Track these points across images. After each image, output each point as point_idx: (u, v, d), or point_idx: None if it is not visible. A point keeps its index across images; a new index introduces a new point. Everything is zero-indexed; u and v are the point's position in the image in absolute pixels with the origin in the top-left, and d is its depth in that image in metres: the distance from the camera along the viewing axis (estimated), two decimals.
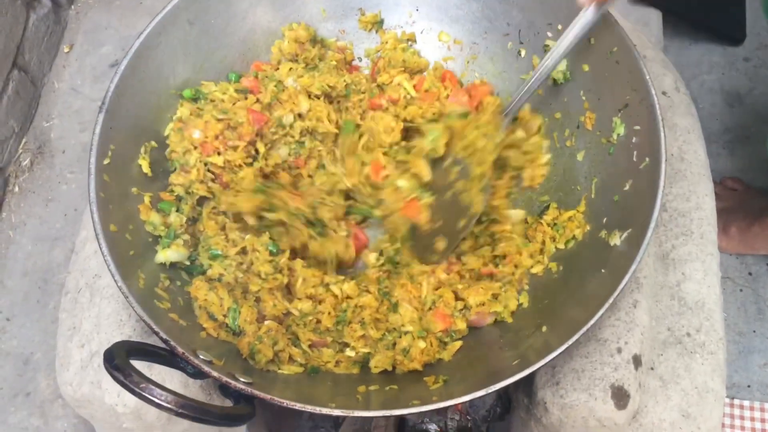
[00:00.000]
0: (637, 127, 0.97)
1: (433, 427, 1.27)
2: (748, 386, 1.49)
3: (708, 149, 1.70)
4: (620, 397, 0.96)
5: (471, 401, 1.26)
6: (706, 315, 1.12)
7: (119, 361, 0.72)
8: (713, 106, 1.78)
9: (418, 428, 1.27)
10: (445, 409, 1.27)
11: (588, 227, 1.02)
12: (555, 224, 1.05)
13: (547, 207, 1.07)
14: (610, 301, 0.84)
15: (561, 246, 1.03)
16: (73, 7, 1.84)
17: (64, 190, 1.64)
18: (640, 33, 1.38)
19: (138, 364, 0.96)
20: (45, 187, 1.65)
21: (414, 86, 1.15)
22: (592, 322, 0.83)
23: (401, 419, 1.26)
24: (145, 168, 1.01)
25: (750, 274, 1.60)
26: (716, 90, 1.80)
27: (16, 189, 1.64)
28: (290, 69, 1.09)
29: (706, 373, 1.07)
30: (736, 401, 1.49)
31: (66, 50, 1.79)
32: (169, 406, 0.70)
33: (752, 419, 1.48)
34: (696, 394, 1.05)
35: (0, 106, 1.57)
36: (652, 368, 1.07)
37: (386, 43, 1.19)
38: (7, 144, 1.62)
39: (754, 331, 1.54)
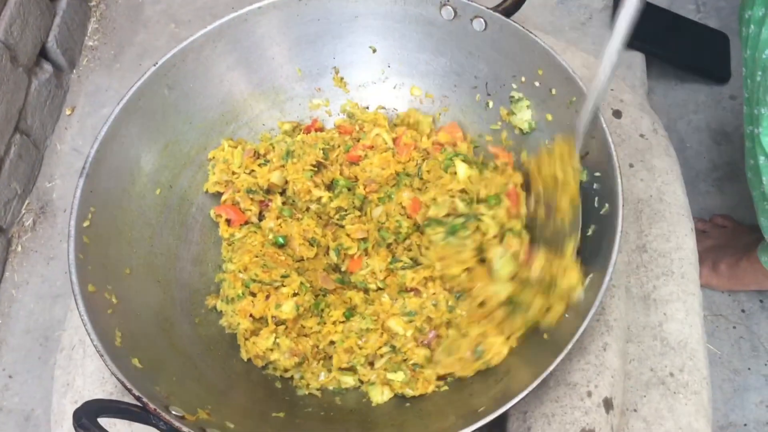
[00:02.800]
0: (598, 174, 0.99)
1: None
2: (745, 425, 1.48)
3: (697, 187, 1.73)
4: None
5: None
6: (689, 354, 1.12)
7: (86, 419, 0.75)
8: (701, 145, 1.80)
9: None
10: None
11: None
12: None
13: None
14: (571, 343, 0.86)
15: None
16: (74, 70, 1.92)
17: (64, 248, 1.66)
18: (619, 78, 1.41)
19: (121, 421, 1.00)
20: (47, 245, 1.70)
21: (393, 139, 1.19)
22: (551, 368, 0.84)
23: None
24: None
25: (743, 311, 1.59)
26: (703, 128, 1.81)
27: (19, 248, 1.69)
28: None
29: (690, 414, 1.07)
30: None
31: (68, 113, 1.86)
32: None
33: None
34: None
35: (2, 169, 1.62)
36: (635, 410, 1.08)
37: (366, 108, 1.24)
38: (11, 205, 1.68)
39: (749, 369, 1.53)
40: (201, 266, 1.13)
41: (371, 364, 1.03)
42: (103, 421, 0.79)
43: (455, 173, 1.09)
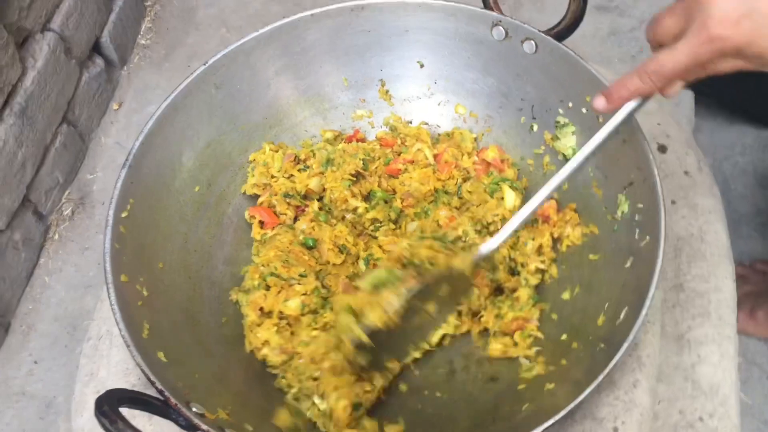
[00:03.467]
0: (640, 205, 0.97)
1: None
2: None
3: (739, 231, 1.69)
4: None
5: None
6: (721, 400, 1.09)
7: (108, 407, 0.75)
8: (746, 188, 1.76)
9: None
10: None
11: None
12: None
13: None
14: (602, 375, 0.83)
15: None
16: (125, 67, 1.95)
17: (100, 239, 1.70)
18: (666, 113, 1.39)
19: (141, 414, 1.00)
20: (83, 236, 1.72)
21: (435, 156, 1.18)
22: (580, 398, 0.82)
23: None
24: None
25: None
26: (749, 172, 1.78)
27: (56, 236, 1.71)
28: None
29: None
30: None
31: (115, 108, 1.89)
32: None
33: None
34: None
35: (47, 157, 1.66)
36: None
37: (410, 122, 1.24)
38: (52, 193, 1.70)
39: None
40: (232, 267, 1.13)
41: None
42: (124, 411, 0.79)
43: (502, 198, 1.08)
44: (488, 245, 0.98)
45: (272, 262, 1.07)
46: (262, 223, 1.15)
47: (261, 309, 1.04)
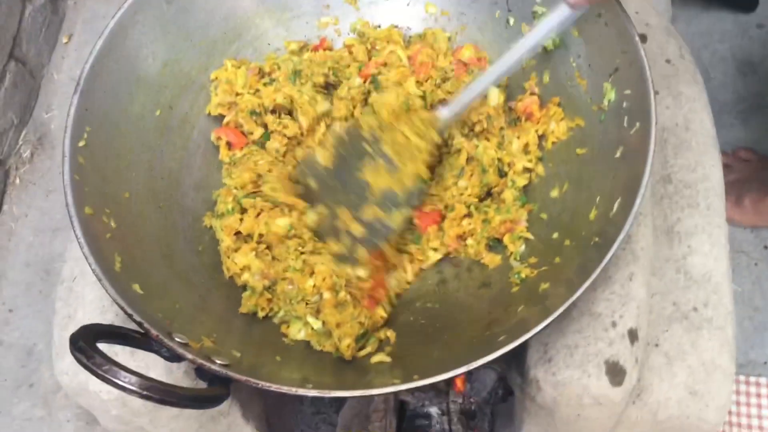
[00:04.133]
0: (628, 92, 0.92)
1: (434, 410, 1.24)
2: (765, 363, 1.44)
3: (721, 120, 1.66)
4: (615, 373, 0.92)
5: (472, 384, 1.24)
6: (713, 289, 1.07)
7: (84, 342, 0.71)
8: (725, 76, 1.72)
9: (419, 411, 1.24)
10: (447, 391, 1.24)
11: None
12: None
13: None
14: (598, 269, 0.80)
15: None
16: None
17: None
18: (645, 1, 1.33)
19: (122, 351, 0.97)
20: (45, 178, 1.65)
21: (408, 58, 1.12)
22: (576, 295, 0.79)
23: (401, 402, 1.23)
24: None
25: (765, 247, 1.55)
26: (728, 59, 1.74)
27: (17, 181, 1.64)
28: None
29: (714, 349, 1.03)
30: (752, 378, 1.44)
31: (65, 41, 1.79)
32: (132, 388, 0.68)
33: None
34: (703, 371, 1.01)
35: None
36: (656, 345, 1.03)
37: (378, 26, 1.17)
38: (7, 136, 1.62)
39: None
40: (203, 192, 1.08)
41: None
42: (103, 348, 0.75)
43: (485, 97, 1.02)
44: (449, 108, 0.99)
45: (247, 184, 1.02)
46: (229, 145, 1.09)
47: (237, 233, 1.00)
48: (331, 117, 1.09)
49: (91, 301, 1.03)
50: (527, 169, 1.03)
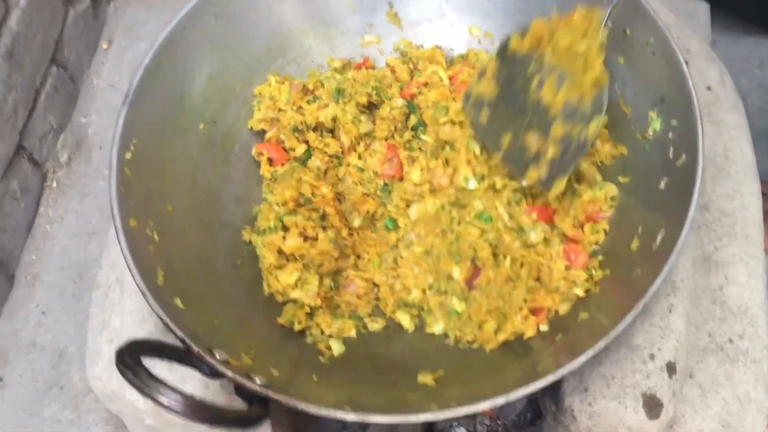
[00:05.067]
0: (674, 122, 0.92)
1: (462, 430, 1.25)
2: None
3: (758, 147, 1.63)
4: (652, 406, 0.91)
5: (501, 406, 1.23)
6: (750, 321, 1.07)
7: (130, 359, 0.71)
8: (764, 102, 1.70)
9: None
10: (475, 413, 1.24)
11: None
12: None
13: None
14: (641, 304, 0.80)
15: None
16: (111, 3, 1.86)
17: (100, 185, 1.65)
18: (685, 25, 1.33)
19: (160, 362, 0.97)
20: (82, 182, 1.66)
21: (450, 77, 1.12)
22: (622, 325, 0.79)
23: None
24: None
25: None
26: (766, 85, 1.72)
27: (54, 184, 1.66)
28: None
29: (749, 382, 1.02)
30: None
31: (105, 46, 1.81)
32: (177, 408, 0.69)
33: None
34: (737, 404, 1.00)
35: (38, 101, 1.58)
36: (690, 376, 1.03)
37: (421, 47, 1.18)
38: (46, 139, 1.64)
39: None
40: (243, 206, 1.09)
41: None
42: (144, 361, 0.76)
43: None
44: None
45: (288, 201, 1.02)
46: (270, 160, 1.10)
47: (280, 251, 1.00)
48: (372, 137, 1.09)
49: (131, 311, 1.04)
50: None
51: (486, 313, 0.95)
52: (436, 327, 0.99)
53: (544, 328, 0.94)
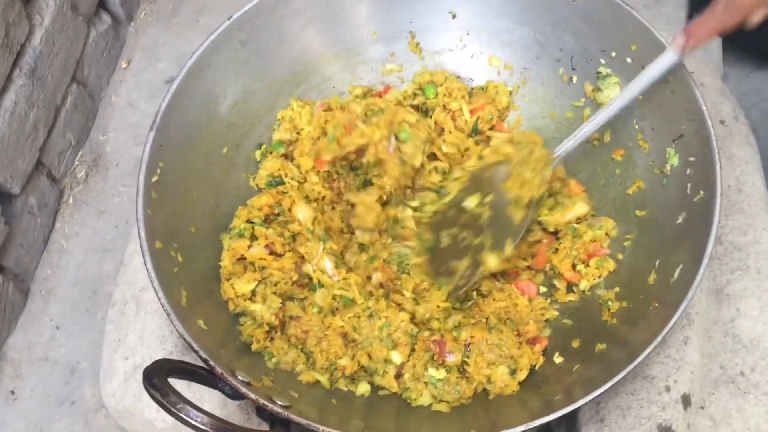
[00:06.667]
0: (692, 159, 0.94)
1: None
2: None
3: None
4: None
5: None
6: (762, 354, 1.07)
7: (158, 379, 0.73)
8: None
9: None
10: None
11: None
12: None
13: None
14: (660, 337, 0.81)
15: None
16: (132, 23, 1.89)
17: (116, 202, 1.67)
18: (699, 60, 1.35)
19: (180, 380, 0.98)
20: (98, 199, 1.68)
21: (471, 111, 1.14)
22: (641, 358, 0.80)
23: None
24: None
25: None
26: None
27: (71, 200, 1.68)
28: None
29: (760, 415, 1.03)
30: None
31: (124, 66, 1.83)
32: (205, 428, 0.70)
33: None
34: None
35: (58, 118, 1.61)
36: (702, 407, 1.03)
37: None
38: (64, 156, 1.66)
39: None
40: None
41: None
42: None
43: None
44: (563, 147, 1.00)
45: (264, 206, 1.05)
46: None
47: (241, 257, 1.01)
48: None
49: (152, 332, 1.05)
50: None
51: (487, 366, 0.96)
52: (422, 400, 0.96)
53: (559, 360, 0.95)
